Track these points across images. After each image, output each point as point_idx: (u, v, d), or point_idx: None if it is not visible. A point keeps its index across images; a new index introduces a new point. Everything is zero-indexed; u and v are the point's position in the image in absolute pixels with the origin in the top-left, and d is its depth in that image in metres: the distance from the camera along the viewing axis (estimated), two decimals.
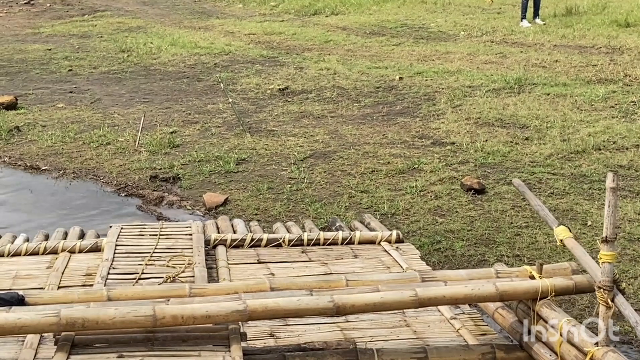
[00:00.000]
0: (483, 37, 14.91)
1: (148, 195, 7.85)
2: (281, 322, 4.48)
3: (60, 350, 3.66)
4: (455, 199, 7.33)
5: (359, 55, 13.81)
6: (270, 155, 8.79)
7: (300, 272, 5.23)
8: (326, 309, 3.80)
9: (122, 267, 5.15)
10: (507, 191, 7.41)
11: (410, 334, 4.43)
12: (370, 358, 3.98)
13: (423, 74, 12.04)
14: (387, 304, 3.90)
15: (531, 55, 13.03)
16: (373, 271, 5.22)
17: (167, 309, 3.67)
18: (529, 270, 4.20)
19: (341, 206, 7.29)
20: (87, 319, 3.58)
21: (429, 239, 6.48)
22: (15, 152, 9.31)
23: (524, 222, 6.75)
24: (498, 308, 4.32)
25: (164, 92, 11.91)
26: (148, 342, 3.73)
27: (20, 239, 6.08)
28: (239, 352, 3.68)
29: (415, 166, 8.21)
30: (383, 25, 16.72)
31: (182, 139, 9.47)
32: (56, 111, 10.92)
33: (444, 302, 4.17)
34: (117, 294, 3.97)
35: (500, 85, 11.15)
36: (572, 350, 3.74)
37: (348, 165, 8.40)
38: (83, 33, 17.14)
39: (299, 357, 3.97)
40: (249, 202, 7.48)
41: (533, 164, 8.13)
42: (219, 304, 3.75)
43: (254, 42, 15.52)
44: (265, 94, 11.49)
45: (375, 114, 10.31)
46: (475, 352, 4.08)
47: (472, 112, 9.97)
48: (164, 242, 5.56)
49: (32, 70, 13.55)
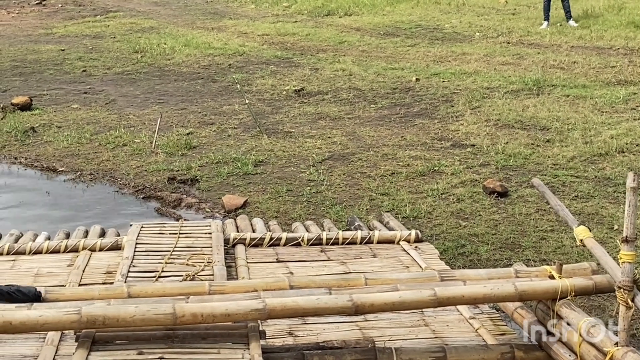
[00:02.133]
0: (499, 38, 14.80)
1: (166, 198, 7.78)
2: (300, 320, 4.48)
3: (81, 347, 3.66)
4: (478, 202, 7.23)
5: (374, 56, 13.73)
6: (288, 157, 8.71)
7: (319, 271, 5.24)
8: (345, 307, 3.80)
9: (142, 265, 5.16)
10: (531, 194, 7.31)
11: (429, 334, 4.42)
12: (389, 357, 3.96)
13: (440, 75, 11.94)
14: (406, 303, 3.89)
15: (549, 57, 12.92)
16: (392, 270, 5.22)
17: (187, 307, 3.68)
18: (548, 270, 4.17)
19: (362, 209, 7.21)
20: (108, 317, 3.60)
21: (453, 242, 6.38)
22: (32, 153, 9.26)
23: (549, 226, 6.65)
24: (517, 308, 4.30)
25: (178, 93, 11.85)
26: (168, 339, 3.74)
27: (41, 237, 6.11)
28: (258, 350, 3.68)
29: (436, 168, 8.12)
30: (397, 26, 16.62)
31: (198, 141, 9.40)
32: (71, 112, 10.87)
33: (463, 302, 4.14)
34: (138, 291, 3.98)
35: (518, 86, 11.04)
36: (592, 350, 3.69)
37: (367, 167, 8.31)
38: (96, 34, 17.10)
39: (318, 355, 3.95)
40: (269, 205, 7.40)
41: (556, 166, 8.03)
42: (238, 302, 3.76)
43: (268, 42, 15.45)
44: (280, 95, 11.41)
45: (392, 116, 10.22)
46: (494, 352, 4.06)
47: (491, 114, 9.86)
48: (183, 241, 5.57)
49: (46, 71, 13.51)
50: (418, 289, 3.95)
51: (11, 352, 4.14)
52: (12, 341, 4.23)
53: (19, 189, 8.34)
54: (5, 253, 5.60)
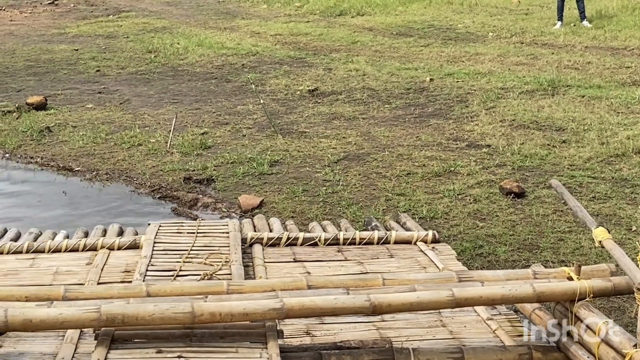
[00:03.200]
0: (512, 38, 14.76)
1: (183, 197, 7.79)
2: (317, 320, 4.49)
3: (101, 345, 3.68)
4: (495, 202, 7.21)
5: (388, 56, 13.71)
6: (303, 157, 8.71)
7: (336, 271, 5.25)
8: (362, 307, 3.80)
9: (160, 264, 5.18)
10: (548, 195, 7.28)
11: (446, 334, 4.42)
12: (407, 357, 3.96)
13: (454, 76, 11.92)
14: (424, 304, 3.89)
15: (563, 57, 12.88)
16: (409, 271, 5.21)
17: (205, 306, 3.69)
18: (567, 272, 4.16)
19: (378, 209, 7.20)
20: (127, 315, 3.61)
21: (470, 243, 6.36)
22: (47, 152, 9.29)
23: (567, 227, 6.62)
24: (535, 309, 4.29)
25: (192, 93, 11.87)
26: (186, 338, 3.75)
27: (60, 235, 6.15)
28: (276, 349, 3.69)
29: (452, 169, 8.10)
30: (410, 26, 16.61)
31: (213, 140, 9.41)
32: (86, 112, 10.90)
33: (481, 303, 4.13)
34: (156, 290, 4.00)
35: (533, 87, 11.01)
36: (611, 352, 3.67)
37: (383, 167, 8.30)
38: (109, 33, 17.14)
39: (335, 355, 3.96)
40: (285, 205, 7.40)
41: (572, 167, 7.99)
42: (257, 302, 3.77)
43: (281, 42, 15.46)
44: (294, 95, 11.41)
45: (407, 116, 10.20)
46: (512, 353, 4.05)
47: (506, 114, 9.84)
48: (201, 240, 5.59)
49: (60, 71, 13.55)
50: (436, 289, 3.96)
51: (30, 350, 4.16)
52: (31, 339, 4.25)
53: (36, 188, 8.37)
54: (24, 251, 5.64)
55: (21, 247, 5.67)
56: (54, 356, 4.07)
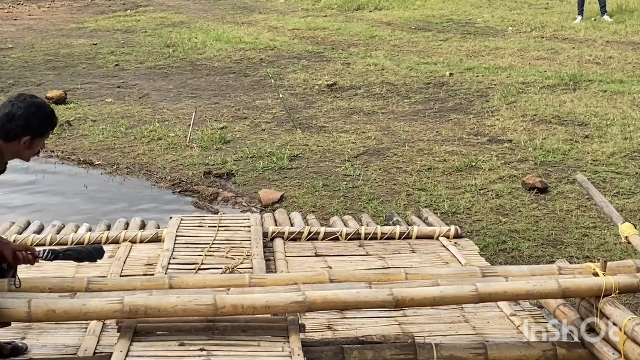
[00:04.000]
0: (532, 33, 14.65)
1: (203, 192, 7.78)
2: (339, 314, 4.50)
3: (123, 337, 3.69)
4: (518, 197, 7.15)
5: (406, 51, 13.64)
6: (322, 152, 8.67)
7: (357, 266, 5.25)
8: (385, 302, 3.79)
9: (182, 258, 5.22)
10: (571, 190, 7.21)
11: (469, 330, 4.42)
12: (429, 352, 3.95)
13: (474, 70, 11.84)
14: (447, 299, 3.87)
15: (584, 52, 12.77)
16: (431, 266, 5.19)
17: (228, 299, 3.69)
18: (592, 267, 4.13)
19: (399, 204, 7.15)
20: (150, 307, 3.62)
21: (493, 238, 6.30)
22: (68, 146, 9.30)
23: (591, 223, 6.56)
24: (560, 305, 4.27)
25: (211, 87, 11.85)
26: (208, 330, 3.76)
27: (83, 228, 6.20)
28: (298, 343, 3.69)
29: (473, 164, 8.04)
30: (428, 21, 16.52)
31: (232, 135, 9.39)
32: (105, 106, 10.91)
33: (505, 298, 4.12)
34: (179, 282, 4.01)
35: (554, 81, 10.92)
36: (636, 348, 3.65)
37: (403, 162, 8.25)
38: (127, 28, 17.15)
39: (357, 350, 3.95)
40: (305, 199, 7.37)
41: (595, 162, 7.92)
42: (279, 295, 3.77)
43: (298, 37, 15.41)
44: (313, 89, 11.37)
45: (426, 111, 10.14)
46: (535, 349, 4.03)
47: (527, 109, 9.76)
48: (223, 234, 5.63)
49: (79, 65, 13.57)
50: (459, 284, 3.94)
51: (53, 341, 4.21)
52: (54, 330, 4.30)
53: (58, 182, 8.39)
54: (47, 244, 5.67)
55: (44, 240, 5.72)
56: (76, 348, 4.11)
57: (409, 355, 3.92)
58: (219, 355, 3.56)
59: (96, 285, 3.94)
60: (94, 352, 4.04)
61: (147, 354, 3.57)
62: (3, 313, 3.57)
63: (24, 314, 3.57)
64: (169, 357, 3.54)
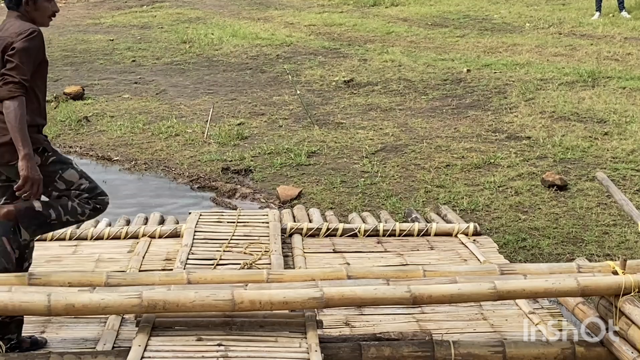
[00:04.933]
0: (550, 29, 14.56)
1: (221, 188, 7.79)
2: (356, 311, 4.51)
3: (142, 331, 3.71)
4: (537, 195, 7.10)
5: (423, 47, 13.59)
6: (340, 148, 8.66)
7: (375, 262, 5.25)
8: (403, 298, 3.80)
9: (201, 253, 5.24)
10: (591, 188, 7.16)
11: (487, 328, 4.40)
12: (447, 350, 3.94)
13: (491, 66, 11.78)
14: (465, 296, 3.87)
15: (602, 48, 12.67)
16: (449, 263, 5.19)
17: (246, 294, 3.71)
18: (611, 266, 4.11)
19: (418, 201, 7.13)
20: (168, 301, 3.65)
21: (513, 236, 6.27)
22: (86, 142, 9.34)
23: (612, 220, 6.51)
24: (579, 303, 4.26)
25: (228, 83, 11.86)
26: (226, 326, 3.78)
27: (102, 223, 6.22)
28: (315, 339, 3.69)
29: (492, 161, 8.00)
30: (445, 17, 16.45)
31: (250, 131, 9.40)
32: (123, 102, 10.94)
33: (524, 296, 4.10)
34: (197, 278, 4.03)
35: (573, 78, 10.84)
36: None
37: (421, 159, 8.22)
38: (143, 24, 17.19)
39: (375, 346, 3.95)
40: (323, 196, 7.36)
41: (615, 159, 7.86)
42: (296, 291, 3.78)
43: (315, 33, 15.38)
44: (330, 85, 11.35)
45: (444, 107, 10.10)
46: (554, 348, 4.02)
47: (546, 106, 9.70)
48: (241, 230, 5.65)
49: (96, 61, 13.62)
50: (477, 281, 3.93)
51: (72, 335, 4.23)
52: (74, 325, 4.32)
53: None
54: (67, 238, 5.72)
55: (64, 235, 5.75)
56: (95, 342, 4.13)
57: (427, 353, 3.92)
58: (236, 350, 3.57)
59: (115, 280, 3.97)
60: (112, 346, 4.06)
61: (165, 348, 3.59)
62: (23, 307, 3.61)
63: (43, 308, 3.60)
64: (186, 352, 3.55)
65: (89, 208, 3.95)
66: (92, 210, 3.98)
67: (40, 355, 3.80)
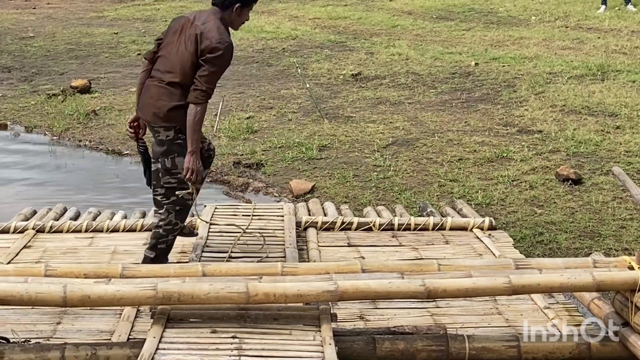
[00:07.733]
0: (556, 22, 14.52)
1: (233, 182, 7.75)
2: (371, 304, 4.49)
3: (157, 323, 3.71)
4: (552, 189, 7.07)
5: (429, 41, 13.55)
6: (351, 142, 8.62)
7: (390, 256, 5.23)
8: (417, 292, 3.78)
9: (216, 246, 5.23)
10: (606, 182, 7.14)
11: (502, 322, 4.38)
12: (461, 344, 3.93)
13: (499, 60, 11.74)
14: (480, 290, 3.85)
15: (609, 41, 12.64)
16: (464, 258, 5.17)
17: (260, 287, 3.70)
18: (627, 261, 4.09)
19: (432, 195, 7.10)
20: (183, 293, 3.65)
21: (529, 230, 6.24)
22: (95, 136, 9.30)
23: (628, 215, 6.48)
24: (594, 299, 4.24)
25: (235, 77, 11.81)
26: (240, 319, 3.78)
27: (118, 215, 6.21)
28: (330, 332, 3.69)
29: (504, 155, 7.97)
30: (450, 10, 16.40)
31: (259, 125, 9.36)
32: (130, 95, 10.86)
33: (539, 290, 4.07)
34: (212, 270, 4.03)
35: (582, 71, 10.81)
36: None
37: (433, 153, 8.19)
38: (147, 17, 17.13)
39: (389, 340, 3.94)
40: (337, 190, 7.33)
41: (629, 153, 7.83)
42: (311, 284, 3.77)
43: (320, 26, 15.34)
44: (338, 79, 11.31)
45: (454, 101, 10.07)
46: (569, 342, 4.00)
47: (556, 99, 9.67)
48: (256, 223, 5.65)
49: (101, 54, 13.56)
50: (492, 275, 3.91)
51: (88, 327, 4.24)
52: (89, 316, 4.33)
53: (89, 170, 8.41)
54: (83, 230, 5.72)
55: (80, 226, 5.75)
56: (110, 333, 4.14)
57: (441, 347, 3.91)
58: (250, 343, 3.57)
59: (130, 272, 3.98)
60: (127, 337, 4.07)
61: (179, 340, 3.59)
62: (39, 298, 3.62)
63: (59, 299, 3.60)
64: (201, 344, 3.56)
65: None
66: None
67: (56, 346, 3.79)
